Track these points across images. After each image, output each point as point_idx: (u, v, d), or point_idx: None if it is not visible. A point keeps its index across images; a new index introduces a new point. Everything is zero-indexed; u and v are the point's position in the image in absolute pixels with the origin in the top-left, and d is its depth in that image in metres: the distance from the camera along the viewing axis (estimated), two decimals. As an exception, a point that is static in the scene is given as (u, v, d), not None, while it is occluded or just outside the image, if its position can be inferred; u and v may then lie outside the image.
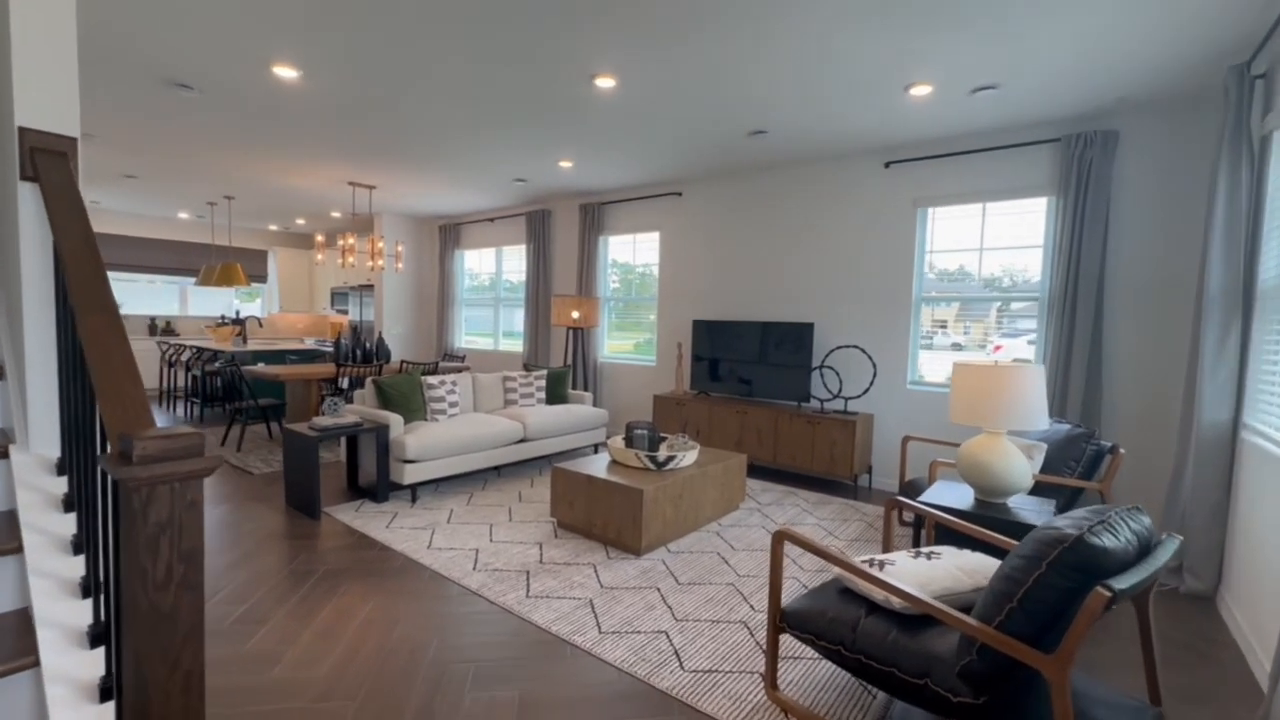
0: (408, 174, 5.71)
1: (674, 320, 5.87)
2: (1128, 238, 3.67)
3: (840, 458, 4.38)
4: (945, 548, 2.07)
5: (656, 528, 3.21)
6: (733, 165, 5.08)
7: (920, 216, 4.44)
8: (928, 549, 2.06)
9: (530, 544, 3.31)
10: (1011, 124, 3.89)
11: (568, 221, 6.75)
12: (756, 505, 4.11)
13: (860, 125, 3.99)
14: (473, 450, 4.23)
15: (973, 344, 4.34)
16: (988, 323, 4.27)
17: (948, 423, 4.31)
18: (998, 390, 2.46)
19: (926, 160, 4.36)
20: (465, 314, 8.25)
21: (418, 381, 4.42)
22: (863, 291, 4.69)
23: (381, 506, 3.86)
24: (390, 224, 8.06)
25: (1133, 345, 3.66)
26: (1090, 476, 2.98)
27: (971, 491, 2.73)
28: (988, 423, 2.49)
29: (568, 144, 4.60)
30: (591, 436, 5.27)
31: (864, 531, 3.65)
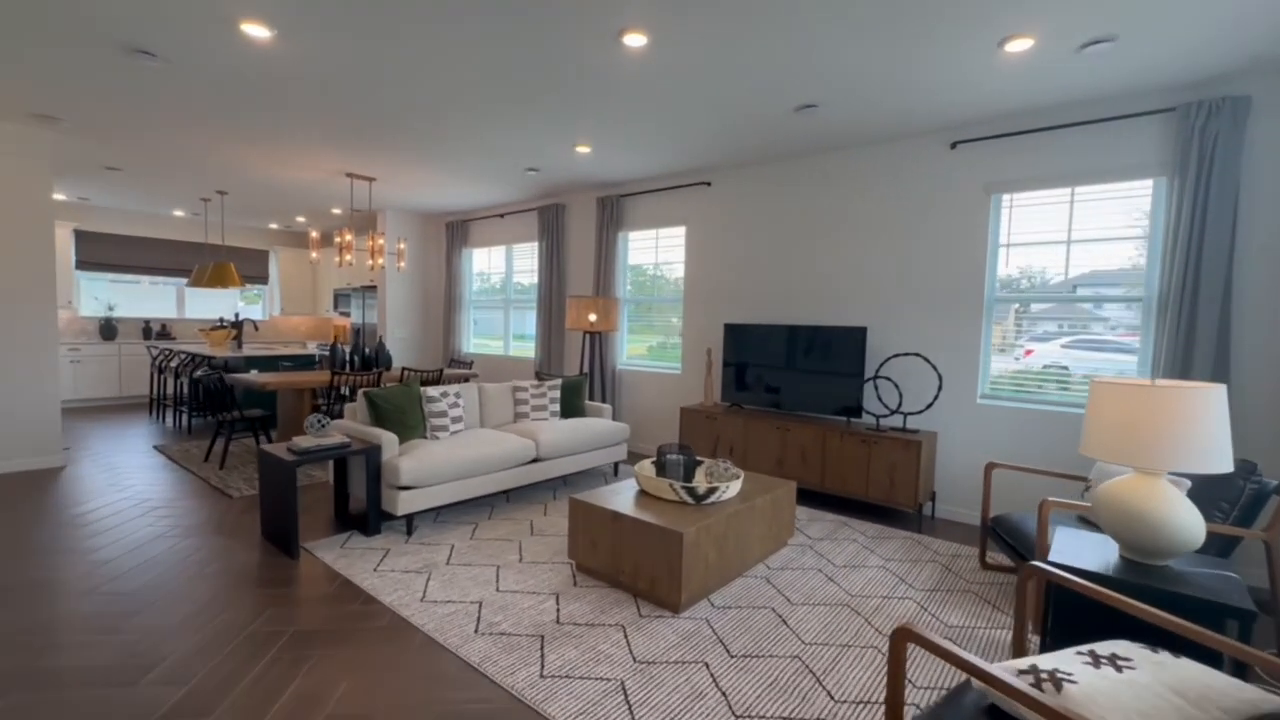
0: (409, 163, 5.19)
1: (701, 324, 5.30)
2: (1263, 224, 3.04)
3: (902, 483, 3.78)
4: (1131, 649, 1.47)
5: (698, 577, 2.64)
6: (771, 149, 4.49)
7: (994, 204, 3.84)
8: (1104, 650, 1.47)
9: (544, 594, 2.75)
10: (1114, 92, 3.28)
11: (584, 216, 6.21)
12: (807, 540, 3.52)
13: (929, 97, 3.40)
14: (478, 474, 3.68)
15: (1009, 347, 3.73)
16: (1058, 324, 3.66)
17: (1031, 445, 3.70)
18: (1164, 418, 1.86)
19: (1002, 139, 3.75)
20: (473, 317, 7.73)
21: (416, 394, 3.88)
22: (924, 292, 4.08)
23: (372, 541, 3.32)
24: (394, 220, 7.56)
25: (1276, 352, 3.03)
26: (1249, 522, 2.37)
27: (1113, 546, 2.13)
28: (1146, 460, 1.89)
29: (586, 124, 4.05)
30: (611, 455, 4.71)
31: (941, 577, 3.05)
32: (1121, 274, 3.50)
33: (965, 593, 2.88)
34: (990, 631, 2.51)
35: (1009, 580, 3.03)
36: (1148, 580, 1.87)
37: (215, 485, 4.27)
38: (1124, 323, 3.50)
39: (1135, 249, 3.45)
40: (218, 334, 7.32)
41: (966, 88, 3.27)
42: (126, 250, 8.20)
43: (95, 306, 8.11)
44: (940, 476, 4.06)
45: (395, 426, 3.69)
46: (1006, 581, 3.01)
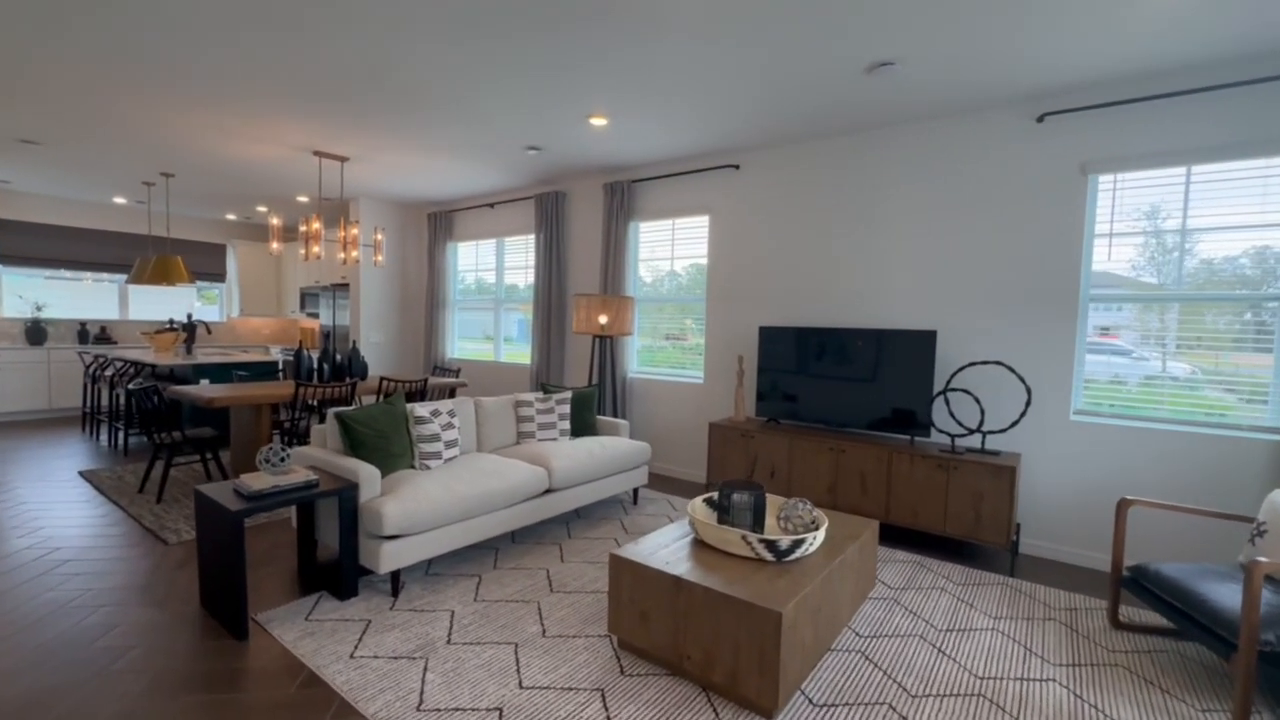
0: (386, 139, 4.43)
1: (728, 327, 4.65)
2: None
3: (990, 516, 3.18)
4: None
5: (794, 665, 1.98)
6: (819, 123, 3.87)
7: (1091, 186, 3.27)
8: None
9: (584, 689, 2.05)
10: (1248, 50, 2.73)
11: (588, 205, 5.51)
12: (889, 591, 2.89)
13: (1028, 50, 2.81)
14: (480, 513, 2.97)
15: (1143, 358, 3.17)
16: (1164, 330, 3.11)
17: (1136, 472, 3.13)
18: None
19: (1102, 109, 3.19)
20: (459, 318, 6.95)
21: (401, 413, 3.14)
22: (1005, 289, 3.50)
23: (346, 608, 2.57)
24: (368, 210, 6.75)
25: None
26: None
27: None
28: None
29: (604, 87, 3.36)
30: (631, 479, 4.02)
31: (1072, 644, 2.44)
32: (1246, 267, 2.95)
33: (1113, 668, 2.28)
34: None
35: (1157, 647, 2.44)
36: None
37: (148, 526, 3.46)
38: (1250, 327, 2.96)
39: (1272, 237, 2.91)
40: (164, 338, 6.41)
41: (1075, 40, 2.68)
42: (57, 242, 7.20)
43: (20, 306, 7.09)
44: (1023, 506, 3.48)
45: (377, 456, 2.94)
46: (1155, 649, 2.42)
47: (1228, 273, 3.01)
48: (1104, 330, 3.32)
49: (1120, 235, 3.24)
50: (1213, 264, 3.03)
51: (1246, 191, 2.94)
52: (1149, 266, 3.19)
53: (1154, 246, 3.17)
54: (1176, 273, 3.11)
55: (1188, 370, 3.12)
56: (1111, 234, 3.26)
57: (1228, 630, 1.98)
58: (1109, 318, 3.30)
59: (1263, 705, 2.06)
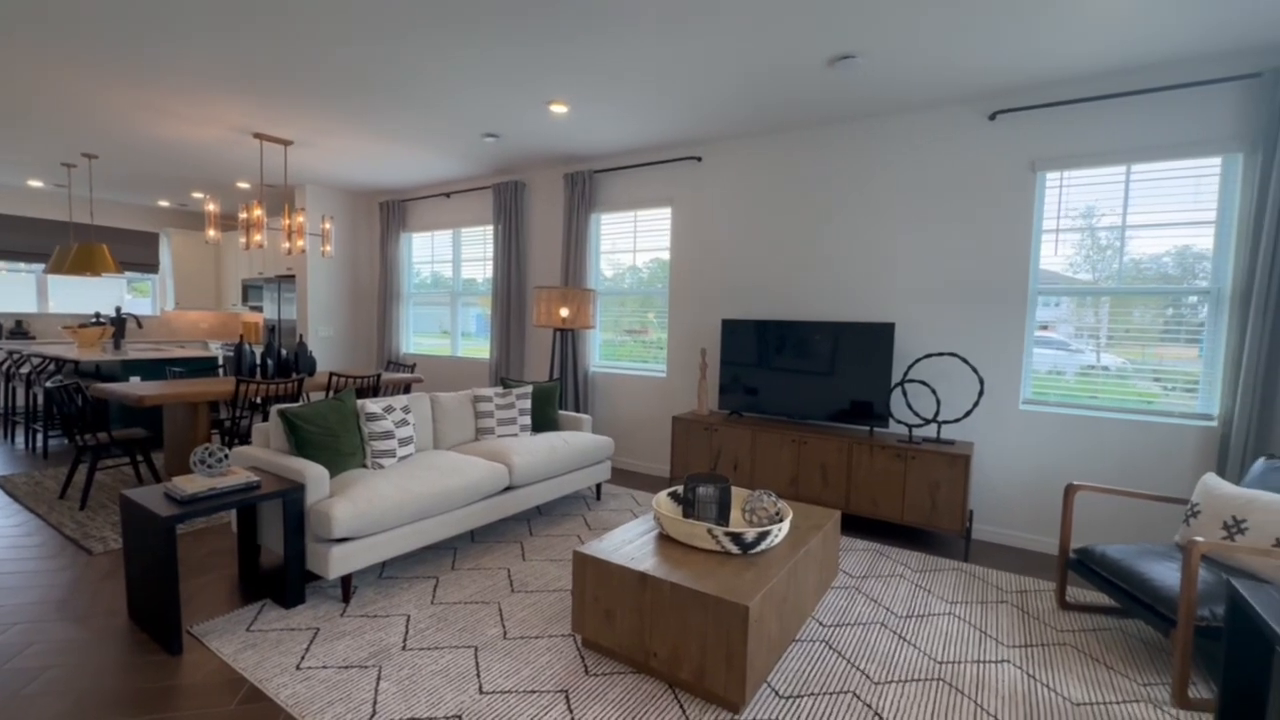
0: (333, 122, 4.21)
1: (691, 319, 4.63)
2: (1358, 208, 2.70)
3: (946, 504, 3.26)
4: None
5: (761, 659, 1.96)
6: (782, 115, 3.88)
7: (1039, 183, 3.38)
8: None
9: (548, 691, 1.99)
10: (1187, 55, 2.86)
11: (548, 196, 5.39)
12: (851, 580, 2.93)
13: (983, 48, 2.87)
14: (438, 513, 2.85)
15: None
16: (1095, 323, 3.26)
17: (1079, 459, 3.27)
18: None
19: (1051, 108, 3.30)
20: (414, 312, 6.72)
21: (351, 410, 2.99)
22: (959, 283, 3.59)
23: (293, 616, 2.43)
24: (315, 197, 6.43)
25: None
26: None
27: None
28: None
29: (565, 72, 3.27)
30: (594, 475, 3.96)
31: (1024, 626, 2.52)
32: (1169, 264, 3.11)
33: (1062, 647, 2.36)
34: (1130, 706, 1.99)
35: (1102, 625, 2.54)
36: None
37: (70, 535, 3.19)
38: (1187, 320, 3.12)
39: (1196, 235, 3.07)
40: (89, 332, 5.96)
41: (1028, 39, 2.76)
42: (-36, 228, 6.59)
43: (-80, 298, 6.47)
44: (976, 493, 3.59)
45: (325, 455, 2.79)
46: (1100, 628, 2.52)
47: (1153, 271, 3.16)
48: (1043, 326, 3.44)
49: (1066, 231, 3.36)
50: (1140, 262, 3.19)
51: (1180, 190, 3.09)
52: (1085, 263, 3.33)
53: (1090, 245, 3.30)
54: (1110, 269, 3.25)
55: (1120, 362, 3.27)
56: (1058, 230, 3.38)
57: (1167, 607, 2.08)
58: (1047, 313, 3.43)
59: (1198, 677, 2.17)
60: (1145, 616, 2.17)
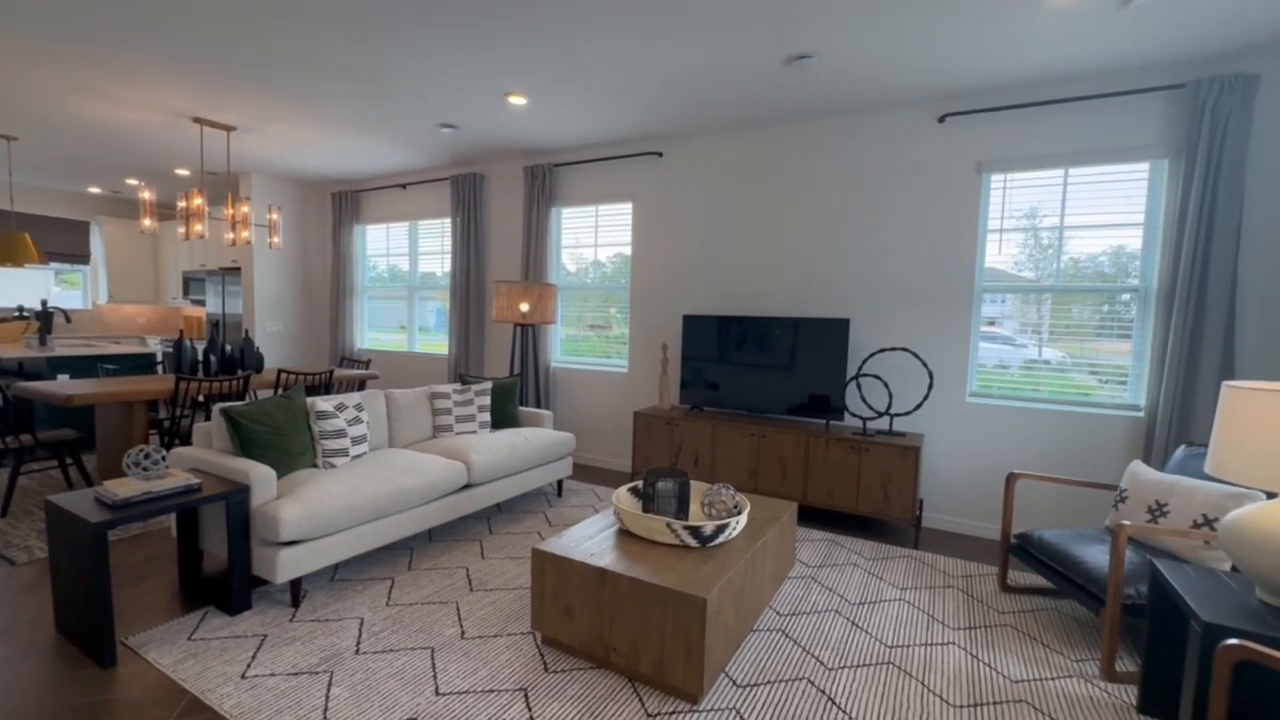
0: (280, 108, 4.04)
1: (653, 315, 4.64)
2: (1268, 213, 2.91)
3: (897, 495, 3.37)
4: None
5: (719, 649, 1.99)
6: (740, 112, 3.91)
7: (985, 184, 3.52)
8: None
9: (507, 690, 1.97)
10: (1120, 65, 3.02)
11: (508, 188, 5.31)
12: (806, 569, 3.00)
13: (933, 52, 2.96)
14: (393, 512, 2.79)
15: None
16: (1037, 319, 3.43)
17: (1021, 448, 3.43)
18: (1341, 435, 1.48)
19: (993, 113, 3.43)
20: (369, 306, 6.52)
21: (300, 408, 2.88)
22: (910, 279, 3.70)
23: (239, 623, 2.33)
24: (262, 186, 6.16)
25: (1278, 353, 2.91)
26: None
27: (1242, 588, 1.75)
28: (1313, 487, 1.51)
29: (524, 64, 3.22)
30: (555, 471, 3.94)
31: (969, 609, 2.64)
32: (1105, 264, 3.29)
33: (1003, 628, 2.48)
34: (1064, 682, 2.10)
35: (1039, 606, 2.68)
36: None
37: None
38: (1119, 316, 3.30)
39: (1127, 236, 3.25)
40: (11, 327, 5.57)
41: (975, 46, 2.86)
42: None
43: None
44: (926, 483, 3.72)
45: (272, 455, 2.68)
46: (1038, 608, 2.66)
47: (1090, 270, 3.34)
48: (990, 321, 3.59)
49: (1009, 231, 3.51)
50: (1079, 261, 3.36)
51: (1112, 193, 3.27)
52: (1028, 261, 3.49)
53: (1033, 244, 3.46)
54: (1051, 267, 3.42)
55: (1060, 356, 3.44)
56: (1002, 230, 3.53)
57: (1097, 587, 2.20)
58: (994, 309, 3.58)
59: (1125, 652, 2.31)
60: (1078, 597, 2.29)
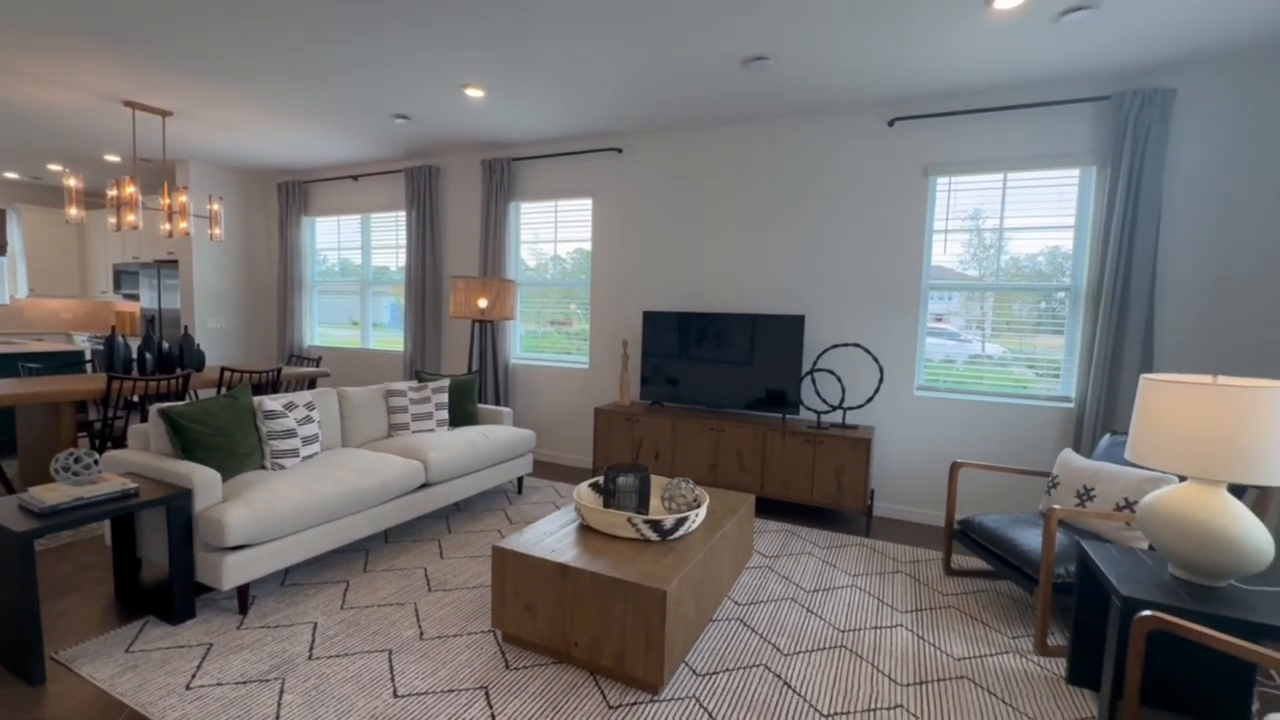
0: (219, 93, 3.85)
1: (613, 311, 4.65)
2: (1184, 217, 3.14)
3: (850, 485, 3.50)
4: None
5: (679, 640, 2.03)
6: (699, 111, 3.96)
7: (931, 187, 3.67)
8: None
9: (467, 689, 1.96)
10: (1056, 75, 3.20)
11: (465, 182, 5.21)
12: (763, 559, 3.08)
13: (883, 58, 3.07)
14: (346, 513, 2.72)
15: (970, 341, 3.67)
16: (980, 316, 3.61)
17: (965, 439, 3.61)
18: (1239, 423, 1.62)
19: (939, 118, 3.58)
20: (320, 302, 6.30)
21: (247, 408, 2.77)
22: (862, 277, 3.83)
23: (181, 633, 2.24)
24: (201, 175, 5.86)
25: (1194, 346, 3.14)
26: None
27: (1142, 560, 1.90)
28: (1217, 469, 1.65)
29: (481, 55, 3.17)
30: (515, 469, 3.91)
31: (916, 592, 2.77)
32: (1043, 263, 3.49)
33: (947, 609, 2.61)
34: (1001, 658, 2.23)
35: (980, 588, 2.83)
36: (1216, 606, 1.62)
37: (-104, 559, 2.75)
38: (1051, 313, 3.51)
39: (1061, 238, 3.46)
40: (-85, 323, 5.13)
41: (922, 53, 2.98)
42: None
43: None
44: (877, 473, 3.87)
45: (216, 457, 2.57)
46: (979, 590, 2.81)
47: (1029, 269, 3.53)
48: (938, 317, 3.76)
49: (954, 232, 3.67)
50: (1019, 260, 3.55)
51: (1046, 197, 3.46)
52: (973, 261, 3.66)
53: (977, 244, 3.63)
54: (993, 266, 3.60)
55: (1001, 351, 3.63)
56: (947, 230, 3.69)
57: (1031, 568, 2.35)
58: (942, 306, 3.75)
59: (1056, 627, 2.47)
60: (1014, 577, 2.44)
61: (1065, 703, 1.99)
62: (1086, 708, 1.97)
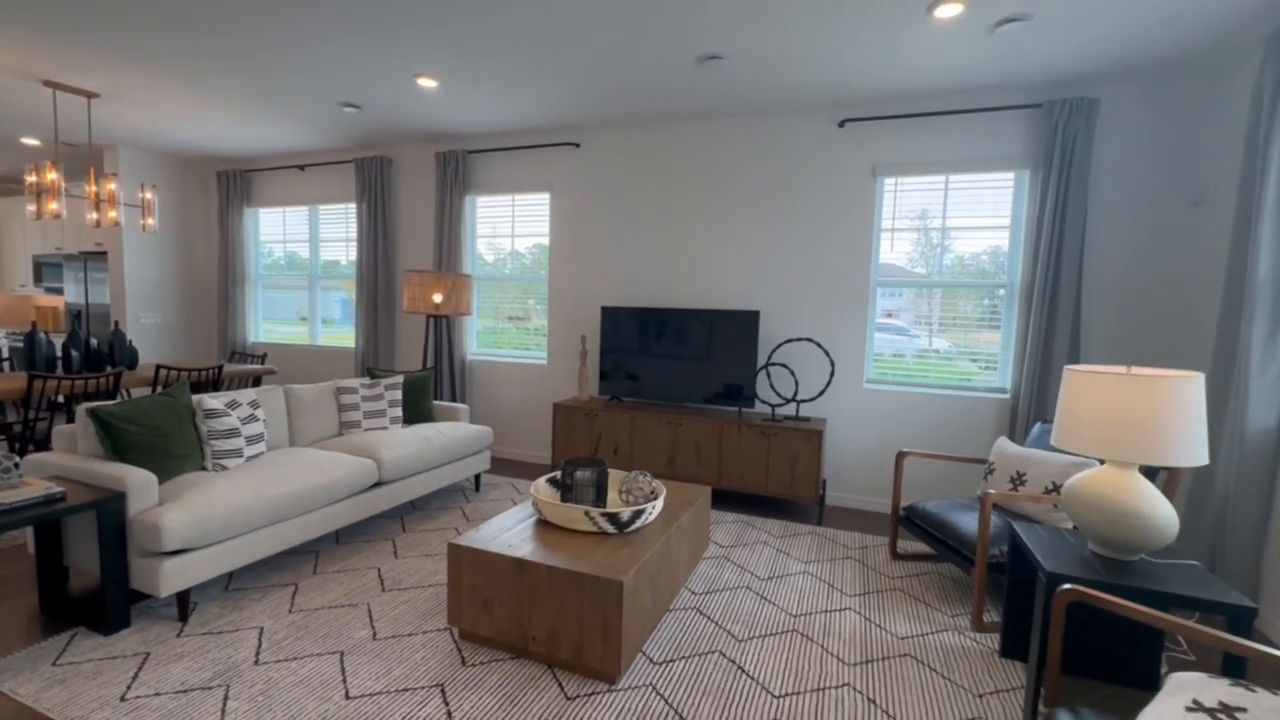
0: (152, 75, 3.65)
1: (572, 307, 4.64)
2: (1107, 220, 3.36)
3: (803, 475, 3.60)
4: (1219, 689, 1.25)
5: (635, 630, 2.06)
6: (655, 108, 3.98)
7: (879, 187, 3.81)
8: (1208, 700, 1.23)
9: (423, 687, 1.94)
10: (994, 82, 3.36)
11: (419, 174, 5.09)
12: (720, 549, 3.15)
13: (833, 61, 3.16)
14: (296, 514, 2.64)
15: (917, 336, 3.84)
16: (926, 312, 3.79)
17: (911, 430, 3.77)
18: (1149, 410, 1.75)
19: (886, 121, 3.71)
20: (265, 297, 6.04)
21: (186, 407, 2.65)
22: (814, 274, 3.95)
23: (114, 643, 2.13)
24: (132, 161, 5.53)
25: (1116, 340, 3.37)
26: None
27: (1067, 539, 2.04)
28: (1130, 453, 1.78)
29: (434, 45, 3.11)
30: (472, 466, 3.87)
31: (864, 576, 2.88)
32: (976, 261, 3.68)
33: (894, 592, 2.73)
34: (941, 635, 2.36)
35: (923, 570, 2.98)
36: (1129, 579, 1.76)
37: None
38: (989, 309, 3.70)
39: (1000, 238, 3.64)
40: None
41: (870, 57, 3.09)
42: None
43: None
44: (829, 464, 4.00)
45: (153, 459, 2.45)
46: (922, 572, 2.95)
47: (974, 267, 3.71)
48: (889, 314, 3.91)
49: (901, 231, 3.82)
50: (964, 259, 3.72)
51: (986, 199, 3.64)
52: (921, 259, 3.82)
53: (924, 243, 3.79)
54: (940, 264, 3.76)
55: (948, 346, 3.80)
56: (894, 229, 3.83)
57: (969, 549, 2.48)
58: (893, 302, 3.90)
59: (992, 605, 2.62)
60: (954, 559, 2.57)
61: (998, 674, 2.12)
62: (1017, 678, 2.10)
